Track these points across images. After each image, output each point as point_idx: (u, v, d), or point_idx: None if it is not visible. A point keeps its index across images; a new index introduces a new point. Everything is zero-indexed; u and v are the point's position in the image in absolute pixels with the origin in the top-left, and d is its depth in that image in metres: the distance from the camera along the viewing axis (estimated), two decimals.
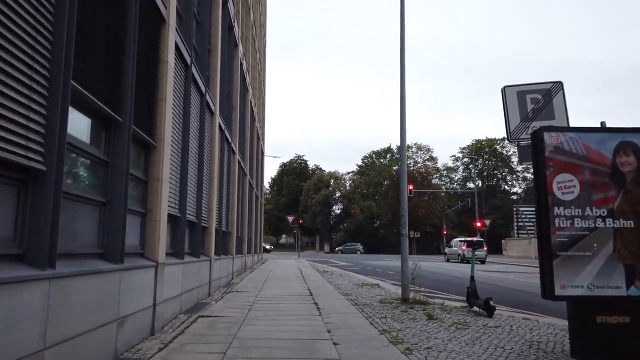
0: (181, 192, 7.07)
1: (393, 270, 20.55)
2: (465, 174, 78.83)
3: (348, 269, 21.74)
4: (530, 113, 6.30)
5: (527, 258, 36.58)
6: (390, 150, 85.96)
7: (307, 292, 10.44)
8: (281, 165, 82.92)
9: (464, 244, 30.38)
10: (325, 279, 14.46)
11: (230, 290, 10.42)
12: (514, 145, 39.56)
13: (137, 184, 5.41)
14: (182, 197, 7.08)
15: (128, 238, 4.79)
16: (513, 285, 14.21)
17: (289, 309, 7.67)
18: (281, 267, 20.84)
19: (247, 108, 17.95)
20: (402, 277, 8.92)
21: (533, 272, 21.72)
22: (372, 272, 19.33)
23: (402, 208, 9.00)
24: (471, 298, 7.72)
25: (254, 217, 22.03)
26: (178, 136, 6.82)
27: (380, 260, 32.81)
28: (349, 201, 68.37)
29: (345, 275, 16.02)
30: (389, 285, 12.95)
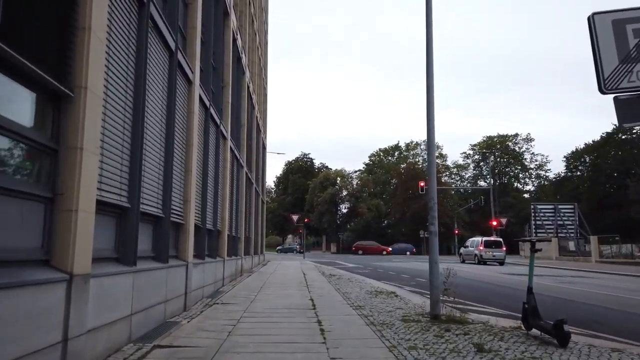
0: (131, 170, 5.11)
1: (407, 274, 18.51)
2: (476, 172, 76.52)
3: (357, 271, 19.72)
4: (634, 51, 4.26)
5: (547, 259, 34.32)
6: (398, 148, 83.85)
7: (310, 303, 8.46)
8: (286, 163, 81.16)
9: (482, 243, 28.26)
10: (332, 284, 12.46)
11: (215, 302, 8.46)
12: (526, 142, 37.84)
13: (35, 152, 3.45)
14: (133, 178, 5.11)
15: None
16: (557, 294, 12.10)
17: (283, 333, 5.68)
18: (283, 270, 18.87)
19: (242, 90, 16.00)
20: (430, 287, 6.89)
21: (566, 275, 19.55)
22: (384, 276, 17.30)
23: (430, 199, 6.99)
24: (530, 317, 5.69)
25: (253, 215, 20.09)
26: (120, 88, 4.83)
27: (390, 262, 30.76)
28: (356, 200, 66.26)
29: (355, 280, 14.02)
30: (407, 293, 10.92)
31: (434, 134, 7.18)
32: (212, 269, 9.95)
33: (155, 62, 6.10)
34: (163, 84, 6.44)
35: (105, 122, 4.37)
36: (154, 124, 6.01)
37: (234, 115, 13.81)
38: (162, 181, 6.40)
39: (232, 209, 13.30)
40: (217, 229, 10.97)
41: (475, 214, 68.13)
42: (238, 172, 14.83)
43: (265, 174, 29.32)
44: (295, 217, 37.15)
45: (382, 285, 12.53)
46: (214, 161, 10.56)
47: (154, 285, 5.77)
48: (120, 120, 4.84)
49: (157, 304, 5.89)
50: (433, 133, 7.18)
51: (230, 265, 12.53)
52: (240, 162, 15.14)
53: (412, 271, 20.28)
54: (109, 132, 4.53)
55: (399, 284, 13.95)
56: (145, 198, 5.64)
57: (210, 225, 10.12)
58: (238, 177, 14.79)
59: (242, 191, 15.69)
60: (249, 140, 18.90)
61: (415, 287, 12.81)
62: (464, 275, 18.06)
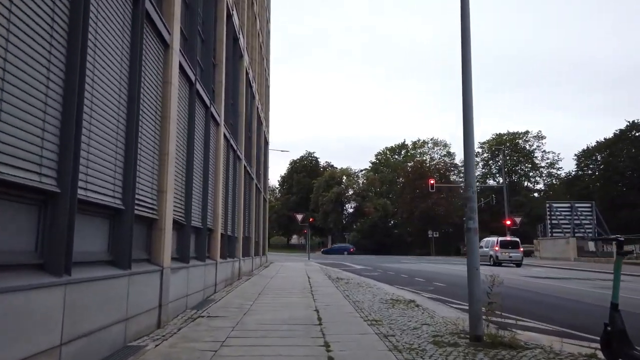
0: (63, 137, 3.63)
1: (421, 277, 16.96)
2: (485, 170, 74.60)
3: (366, 274, 18.20)
4: None
5: (564, 259, 32.58)
6: (405, 146, 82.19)
7: (315, 316, 6.97)
8: (291, 162, 79.76)
9: (498, 244, 26.62)
10: (340, 290, 10.96)
11: (200, 315, 6.98)
12: (537, 139, 35.89)
13: None
14: (65, 150, 3.63)
15: None
16: (600, 301, 10.53)
17: None
18: (286, 273, 17.38)
19: (240, 74, 14.54)
20: (470, 300, 5.37)
21: (595, 277, 17.88)
22: (397, 280, 15.77)
23: (469, 187, 5.48)
24: (616, 343, 4.14)
25: (254, 213, 18.62)
26: None
27: (400, 263, 29.18)
28: (362, 199, 64.67)
29: (365, 285, 12.49)
30: (428, 301, 9.39)
31: (471, 108, 5.65)
32: (200, 273, 8.46)
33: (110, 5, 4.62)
34: (122, 34, 4.95)
35: None
36: (105, 78, 4.52)
37: (229, 99, 12.34)
38: (120, 162, 4.92)
39: (227, 205, 11.83)
40: (208, 227, 9.49)
41: (484, 214, 66.21)
42: (235, 165, 13.36)
43: (267, 171, 27.87)
44: (300, 216, 35.64)
45: (397, 291, 11.00)
46: (203, 147, 9.08)
47: (105, 300, 4.29)
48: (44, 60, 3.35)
49: (111, 324, 4.41)
50: (471, 107, 5.65)
51: (224, 269, 11.05)
52: (237, 154, 13.67)
53: (426, 274, 18.71)
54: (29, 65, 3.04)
55: (414, 289, 12.42)
56: (89, 182, 4.16)
57: (197, 223, 8.63)
58: (235, 170, 13.32)
59: (240, 186, 14.22)
60: (249, 132, 17.44)
61: (435, 294, 11.27)
62: None
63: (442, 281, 15.06)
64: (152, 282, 5.68)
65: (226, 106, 11.68)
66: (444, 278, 16.47)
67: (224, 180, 11.35)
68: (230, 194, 12.58)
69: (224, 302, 8.53)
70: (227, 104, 11.73)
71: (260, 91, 22.33)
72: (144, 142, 5.63)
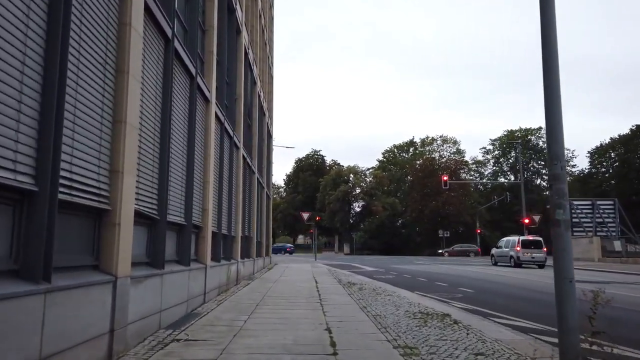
0: None
1: (443, 280, 15.16)
2: (496, 168, 72.48)
3: (379, 277, 16.43)
4: None
5: (587, 260, 30.59)
6: (413, 144, 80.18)
7: (327, 339, 5.26)
8: (296, 160, 77.97)
9: (519, 243, 24.73)
10: (354, 299, 9.23)
11: (177, 337, 5.28)
12: None
13: None
14: None
15: None
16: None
17: None
18: (291, 276, 15.66)
19: (239, 53, 12.85)
20: (562, 326, 3.60)
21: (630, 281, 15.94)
22: (415, 284, 14.01)
23: (555, 159, 3.72)
24: None
25: (255, 210, 16.93)
26: None
27: (413, 264, 27.36)
28: (370, 198, 62.76)
29: (383, 292, 10.74)
30: (464, 314, 7.61)
31: (556, 46, 3.89)
32: (181, 281, 6.76)
33: None
34: None
35: None
36: None
37: (224, 77, 10.65)
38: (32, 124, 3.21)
39: (221, 198, 10.13)
40: (194, 223, 7.79)
41: (495, 212, 64.29)
42: (232, 153, 11.66)
43: (271, 166, 26.19)
44: (306, 215, 33.89)
45: (422, 300, 9.24)
46: (187, 124, 7.38)
47: None
48: None
49: None
50: (555, 45, 3.89)
51: (216, 274, 9.35)
52: (235, 142, 11.97)
53: (447, 277, 16.90)
54: None
55: (440, 296, 10.65)
56: None
57: (178, 218, 6.94)
58: (232, 159, 11.62)
59: (238, 178, 12.53)
60: (248, 120, 15.75)
61: (467, 303, 9.50)
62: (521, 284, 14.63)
63: (468, 286, 13.27)
64: (95, 300, 3.98)
65: (219, 82, 9.99)
66: (469, 282, 14.67)
67: (216, 168, 9.65)
68: (226, 186, 10.89)
69: (211, 317, 6.82)
70: (220, 81, 10.04)
71: (263, 79, 20.64)
72: (82, 100, 3.93)
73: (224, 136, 10.42)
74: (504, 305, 9.30)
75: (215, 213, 9.63)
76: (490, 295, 11.25)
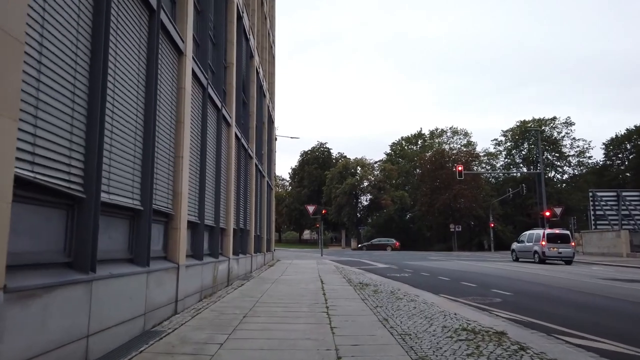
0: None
1: (468, 280, 13.15)
2: (508, 160, 70.02)
3: (394, 275, 14.47)
4: None
5: (614, 255, 28.39)
6: (422, 136, 77.85)
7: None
8: (302, 153, 76.02)
9: (544, 237, 22.60)
10: (370, 306, 7.28)
11: None
12: (565, 126, 30.16)
13: None
14: None
15: None
16: None
17: None
18: (293, 275, 13.74)
19: (230, 11, 10.88)
20: None
21: None
22: (439, 285, 12.04)
23: None
24: None
25: (253, 200, 15.01)
26: None
27: (427, 261, 25.35)
28: (378, 191, 60.63)
29: (404, 296, 8.77)
30: (523, 331, 5.61)
31: None
32: (132, 289, 4.83)
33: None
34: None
35: None
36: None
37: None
38: None
39: (202, 181, 8.18)
40: (158, 208, 5.85)
41: (507, 206, 61.97)
42: (219, 126, 9.68)
43: (274, 154, 24.25)
44: (312, 208, 31.88)
45: (455, 308, 7.26)
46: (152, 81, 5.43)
47: None
48: None
49: None
50: None
51: (195, 275, 7.43)
52: (223, 115, 10.01)
53: (471, 276, 14.90)
54: None
55: (474, 301, 8.67)
56: None
57: (132, 201, 5.00)
58: (219, 133, 9.65)
59: (228, 160, 10.59)
60: (243, 95, 13.78)
61: (514, 312, 7.51)
62: (562, 284, 12.55)
63: (501, 287, 11.26)
64: None
65: (199, 34, 8.02)
66: (500, 282, 12.67)
67: (195, 142, 7.70)
68: (211, 167, 8.95)
69: (174, 337, 4.89)
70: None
71: (263, 56, 18.68)
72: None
73: (207, 103, 8.45)
74: (564, 315, 7.30)
75: (194, 198, 7.70)
76: (535, 300, 9.25)
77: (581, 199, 59.10)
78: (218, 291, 9.09)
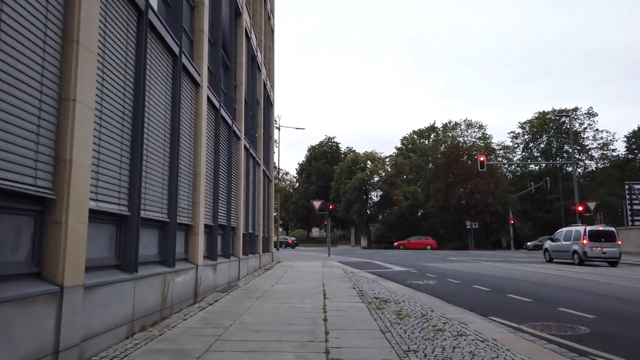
0: None
1: (515, 291, 10.20)
2: (525, 154, 66.52)
3: (416, 283, 11.62)
4: None
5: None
6: (435, 129, 74.46)
7: None
8: (309, 149, 73.13)
9: (585, 235, 19.54)
10: (396, 349, 4.47)
11: None
12: (588, 117, 25.57)
13: None
14: None
15: None
16: None
17: None
18: (289, 284, 10.94)
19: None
20: None
21: None
22: (478, 298, 9.20)
23: None
24: None
25: (243, 191, 12.23)
26: None
27: (447, 262, 22.40)
28: (389, 186, 57.53)
29: (443, 324, 5.93)
30: None
31: None
32: None
33: None
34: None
35: None
36: None
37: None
38: None
39: (174, 164, 5.46)
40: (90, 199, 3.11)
41: (524, 202, 58.57)
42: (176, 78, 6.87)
43: (272, 141, 21.48)
44: (318, 203, 29.04)
45: (540, 353, 4.41)
46: None
47: None
48: None
49: None
50: None
51: (115, 297, 4.65)
52: (183, 65, 7.19)
53: (514, 284, 11.99)
54: None
55: (547, 330, 5.82)
56: None
57: None
58: (176, 89, 6.83)
59: (198, 131, 7.81)
60: (226, 58, 10.98)
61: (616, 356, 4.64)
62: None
63: (568, 304, 8.32)
64: None
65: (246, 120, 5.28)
66: (559, 294, 9.77)
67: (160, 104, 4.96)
68: (158, 131, 6.17)
69: None
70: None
71: (257, 20, 15.87)
72: None
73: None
74: None
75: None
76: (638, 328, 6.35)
77: (605, 194, 55.64)
78: (174, 314, 6.33)
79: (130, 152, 5.17)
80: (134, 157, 5.21)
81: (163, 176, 6.31)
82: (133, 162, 5.20)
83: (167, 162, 6.48)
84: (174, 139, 6.59)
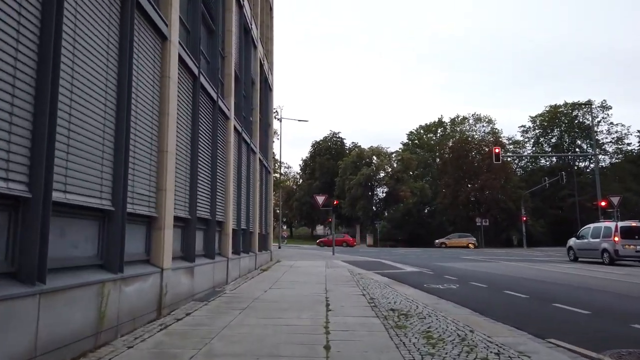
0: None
1: (557, 299, 8.40)
2: (536, 148, 64.39)
3: (435, 287, 9.86)
4: None
5: None
6: (442, 124, 72.45)
7: None
8: (313, 144, 71.24)
9: (617, 231, 17.68)
10: None
11: None
12: (602, 110, 23.83)
13: None
14: None
15: None
16: None
17: None
18: (286, 289, 9.20)
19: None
20: None
21: None
22: (518, 310, 7.46)
23: None
24: None
25: (232, 181, 10.51)
26: None
27: (461, 261, 20.60)
28: (395, 182, 55.66)
29: (496, 356, 4.17)
30: None
31: None
32: None
33: None
34: None
35: None
36: None
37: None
38: None
39: (121, 133, 3.78)
40: None
41: (535, 199, 56.58)
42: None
43: (271, 129, 19.74)
44: (321, 198, 27.30)
45: None
46: None
47: None
48: None
49: None
50: None
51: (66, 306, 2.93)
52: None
53: (549, 287, 10.22)
54: None
55: None
56: None
57: None
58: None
59: (164, 102, 6.09)
60: (211, 22, 9.24)
61: None
62: None
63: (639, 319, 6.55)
64: None
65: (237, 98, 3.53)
66: (616, 302, 8.01)
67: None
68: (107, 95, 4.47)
69: None
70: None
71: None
72: None
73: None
74: None
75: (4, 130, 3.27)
76: None
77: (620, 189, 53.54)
78: (119, 337, 4.62)
79: (33, 104, 3.45)
80: (40, 111, 3.48)
81: (103, 147, 4.59)
82: (38, 118, 3.46)
83: (112, 128, 4.75)
84: (122, 99, 4.85)
